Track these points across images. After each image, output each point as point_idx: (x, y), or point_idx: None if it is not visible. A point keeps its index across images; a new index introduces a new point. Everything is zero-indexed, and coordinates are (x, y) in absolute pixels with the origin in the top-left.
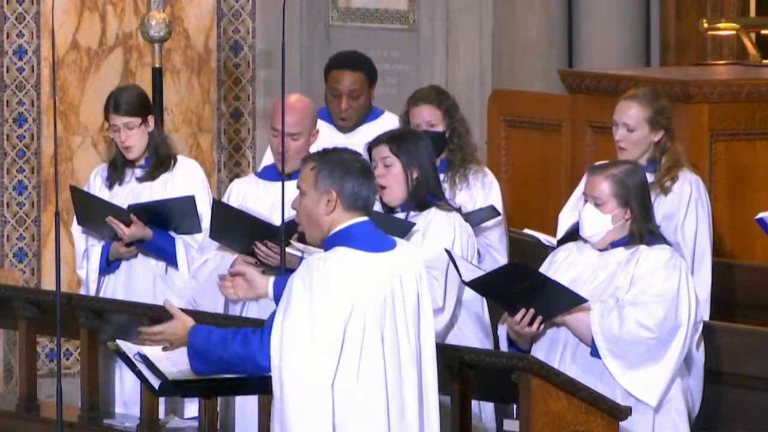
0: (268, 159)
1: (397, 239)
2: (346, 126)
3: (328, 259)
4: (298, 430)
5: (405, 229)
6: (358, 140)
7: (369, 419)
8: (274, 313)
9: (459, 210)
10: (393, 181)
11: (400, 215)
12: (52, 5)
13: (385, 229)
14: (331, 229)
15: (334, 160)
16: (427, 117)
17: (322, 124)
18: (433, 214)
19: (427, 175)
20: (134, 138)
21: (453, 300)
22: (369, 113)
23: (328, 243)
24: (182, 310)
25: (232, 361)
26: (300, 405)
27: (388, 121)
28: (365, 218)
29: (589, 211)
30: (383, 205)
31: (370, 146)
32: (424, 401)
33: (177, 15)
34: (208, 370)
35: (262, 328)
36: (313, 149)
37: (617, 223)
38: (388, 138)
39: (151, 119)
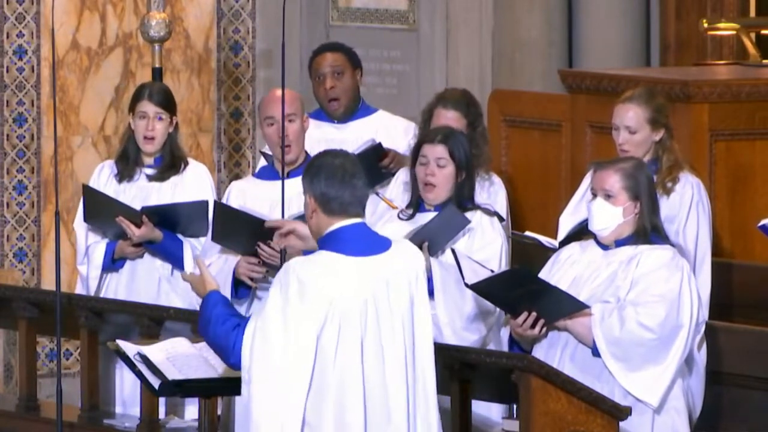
0: (262, 163)
1: (395, 240)
2: (338, 111)
3: (307, 262)
4: None
5: (463, 225)
6: (349, 135)
7: (345, 426)
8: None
9: (496, 214)
10: (444, 181)
11: (433, 214)
12: (52, 5)
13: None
14: (320, 233)
15: (313, 163)
16: (453, 123)
17: (313, 123)
18: (479, 217)
19: (471, 179)
20: (159, 131)
21: None
22: (359, 104)
23: (319, 246)
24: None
25: (214, 343)
26: (268, 414)
27: (381, 119)
28: (356, 220)
29: (599, 204)
30: (422, 200)
31: (422, 142)
32: (419, 405)
33: (177, 15)
34: (202, 335)
35: (241, 326)
36: (305, 141)
37: (628, 216)
38: (445, 138)
39: (175, 120)
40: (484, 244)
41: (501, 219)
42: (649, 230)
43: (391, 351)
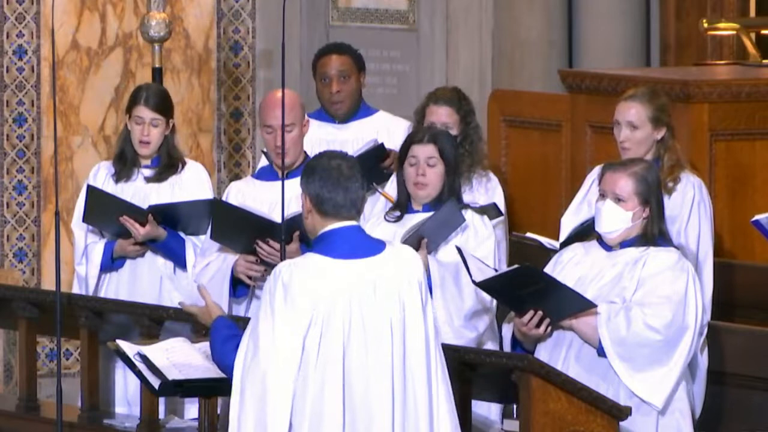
0: (263, 162)
1: (390, 244)
2: (341, 112)
3: (292, 266)
4: None
5: (459, 223)
6: (349, 135)
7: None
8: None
9: (495, 209)
10: (435, 179)
11: (423, 214)
12: (52, 5)
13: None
14: (315, 233)
15: (310, 164)
16: (444, 119)
17: (314, 123)
18: (471, 215)
19: (459, 178)
20: (154, 135)
21: None
22: (360, 105)
23: (311, 247)
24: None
25: (219, 364)
26: (255, 421)
27: (382, 120)
28: (348, 223)
29: (610, 207)
30: (410, 201)
31: (412, 142)
32: (409, 413)
33: (177, 15)
34: (215, 363)
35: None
36: (306, 141)
37: (637, 220)
38: (435, 138)
39: (171, 122)
40: (479, 242)
41: (500, 213)
42: (657, 235)
43: (376, 356)
